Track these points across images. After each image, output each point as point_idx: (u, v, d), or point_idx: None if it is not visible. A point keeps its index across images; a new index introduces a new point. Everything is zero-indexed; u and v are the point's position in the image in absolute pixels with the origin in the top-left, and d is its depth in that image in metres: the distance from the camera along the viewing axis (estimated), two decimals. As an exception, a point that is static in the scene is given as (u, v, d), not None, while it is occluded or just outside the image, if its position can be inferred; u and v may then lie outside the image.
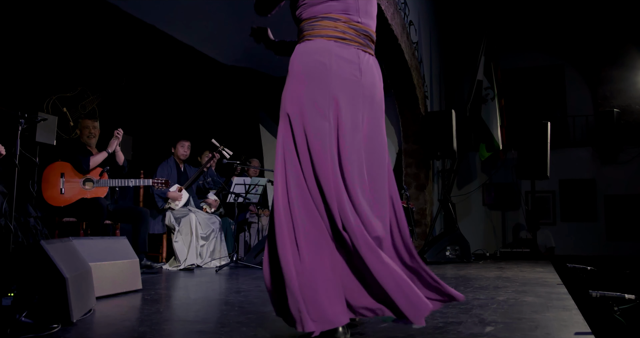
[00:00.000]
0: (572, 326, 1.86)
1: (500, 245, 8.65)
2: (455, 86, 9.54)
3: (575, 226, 8.52)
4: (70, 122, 4.93)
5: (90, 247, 2.64)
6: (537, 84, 9.30)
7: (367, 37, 1.64)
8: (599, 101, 8.84)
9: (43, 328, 1.79)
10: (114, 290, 2.75)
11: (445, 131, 6.59)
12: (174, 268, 4.58)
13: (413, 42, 6.62)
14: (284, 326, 1.80)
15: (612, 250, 8.20)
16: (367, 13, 1.63)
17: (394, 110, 7.12)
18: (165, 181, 4.31)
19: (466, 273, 4.15)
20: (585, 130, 8.83)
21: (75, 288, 1.97)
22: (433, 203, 7.43)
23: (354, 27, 1.60)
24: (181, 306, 2.51)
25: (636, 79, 8.73)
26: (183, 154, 5.07)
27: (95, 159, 4.05)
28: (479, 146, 7.91)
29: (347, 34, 1.59)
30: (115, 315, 2.19)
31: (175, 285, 3.42)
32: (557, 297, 2.67)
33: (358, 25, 1.61)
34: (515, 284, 3.31)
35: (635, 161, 8.32)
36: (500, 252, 7.39)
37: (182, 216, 4.74)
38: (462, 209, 8.87)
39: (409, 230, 1.69)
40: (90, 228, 3.93)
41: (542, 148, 7.04)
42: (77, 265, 2.14)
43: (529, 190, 7.70)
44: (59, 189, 3.94)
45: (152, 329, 1.85)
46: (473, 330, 1.77)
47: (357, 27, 1.61)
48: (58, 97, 4.87)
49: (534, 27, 9.15)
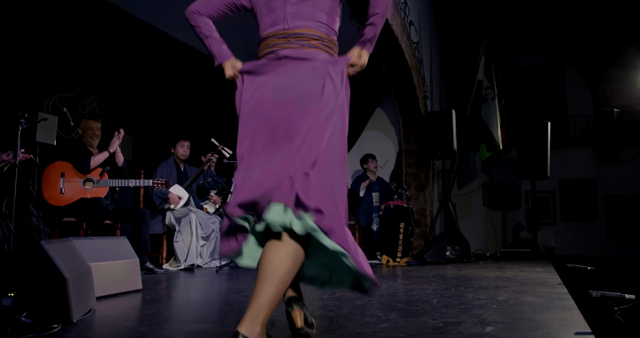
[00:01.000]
0: (573, 326, 1.86)
1: (500, 245, 8.64)
2: (456, 86, 9.54)
3: (576, 226, 8.52)
4: (70, 122, 4.93)
5: (90, 247, 2.64)
6: (537, 84, 9.30)
7: (298, 38, 1.61)
8: (599, 101, 8.84)
9: (43, 328, 1.79)
10: (114, 290, 2.76)
11: (445, 131, 6.59)
12: (174, 268, 4.58)
13: (413, 42, 6.62)
14: (284, 326, 1.80)
15: (612, 250, 8.20)
16: (299, 14, 1.62)
17: (394, 110, 7.12)
18: (165, 182, 4.31)
19: (466, 273, 4.15)
20: (585, 130, 8.83)
21: (76, 288, 1.97)
22: (433, 203, 7.43)
23: (281, 36, 1.62)
24: (181, 306, 2.51)
25: (636, 79, 8.73)
26: (183, 154, 5.07)
27: (96, 159, 4.04)
28: (479, 146, 7.91)
29: (276, 45, 1.62)
30: (116, 315, 2.19)
31: (175, 285, 3.42)
32: (557, 297, 2.67)
33: (286, 32, 1.61)
34: (515, 284, 3.31)
35: (635, 161, 8.32)
36: (501, 252, 7.39)
37: (183, 216, 4.74)
38: (462, 209, 8.87)
39: (409, 230, 1.70)
40: (90, 228, 3.93)
41: (542, 148, 7.03)
42: (77, 265, 2.14)
43: (529, 190, 7.70)
44: (59, 189, 3.94)
45: (152, 329, 1.85)
46: (473, 330, 1.77)
47: (283, 34, 1.62)
48: (58, 97, 4.87)
49: (534, 27, 9.15)
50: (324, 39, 1.64)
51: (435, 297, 2.66)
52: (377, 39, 1.75)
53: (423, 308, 2.27)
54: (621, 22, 8.71)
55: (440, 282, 3.43)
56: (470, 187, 9.03)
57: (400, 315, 2.08)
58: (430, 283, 3.39)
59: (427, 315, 2.08)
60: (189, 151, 5.14)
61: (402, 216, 5.32)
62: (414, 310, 2.20)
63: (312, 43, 1.61)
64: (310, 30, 1.61)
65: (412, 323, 1.89)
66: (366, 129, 7.64)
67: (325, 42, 1.64)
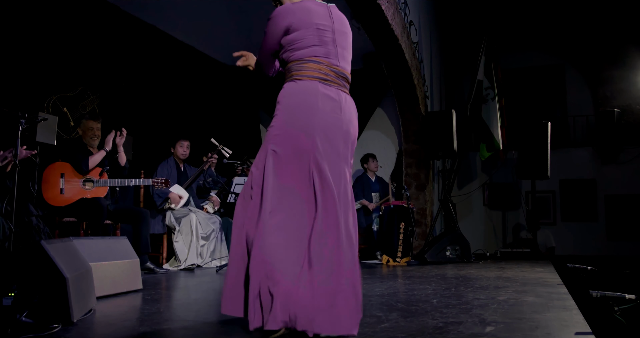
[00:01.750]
0: (573, 326, 1.86)
1: (500, 244, 8.64)
2: (456, 86, 9.53)
3: (576, 226, 8.51)
4: (70, 122, 4.93)
5: (90, 247, 2.64)
6: (538, 84, 9.29)
7: (344, 79, 1.88)
8: (599, 101, 8.84)
9: (43, 328, 1.79)
10: (115, 290, 2.76)
11: (445, 131, 6.58)
12: (175, 268, 4.58)
13: (413, 42, 6.61)
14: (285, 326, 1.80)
15: (612, 250, 8.20)
16: (344, 59, 1.89)
17: (394, 110, 7.11)
18: (165, 181, 4.31)
19: (466, 273, 4.15)
20: (585, 130, 8.82)
21: (76, 288, 1.97)
22: (433, 203, 7.43)
23: (334, 70, 1.86)
24: (181, 306, 2.51)
25: (637, 79, 8.73)
26: (182, 153, 5.07)
27: (94, 159, 4.04)
28: (480, 146, 7.90)
29: (329, 75, 1.84)
30: (116, 315, 2.19)
31: (175, 285, 3.42)
32: (558, 296, 2.67)
33: (337, 68, 1.86)
34: (515, 284, 3.31)
35: (636, 161, 8.32)
36: (501, 252, 7.39)
37: (183, 216, 4.74)
38: (463, 209, 8.86)
39: (410, 230, 1.76)
40: (91, 228, 3.93)
41: (543, 148, 7.03)
42: (77, 265, 2.14)
43: (529, 190, 7.69)
44: (59, 189, 3.94)
45: (152, 329, 1.85)
46: (473, 330, 1.77)
47: (336, 70, 1.86)
48: (58, 97, 4.87)
49: (535, 27, 9.15)
50: (349, 83, 1.92)
51: (435, 296, 2.66)
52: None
53: (423, 308, 2.27)
54: (621, 22, 8.70)
55: (441, 282, 3.43)
56: (470, 187, 9.03)
57: (400, 315, 2.08)
58: (431, 283, 3.38)
59: (428, 315, 2.08)
60: (189, 150, 5.14)
61: (402, 216, 5.32)
62: (414, 310, 2.20)
63: (348, 87, 1.90)
64: (349, 74, 1.90)
65: (413, 323, 1.89)
66: (366, 129, 7.64)
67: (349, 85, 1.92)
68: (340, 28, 1.90)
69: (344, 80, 1.88)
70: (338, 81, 1.85)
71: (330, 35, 1.86)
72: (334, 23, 1.89)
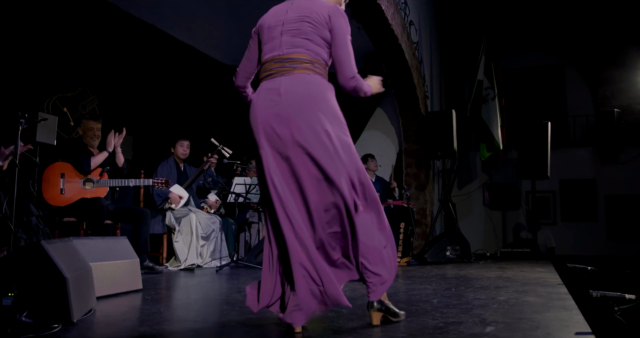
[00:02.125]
0: (573, 326, 1.86)
1: (500, 244, 8.64)
2: (456, 86, 9.54)
3: (576, 226, 8.52)
4: (70, 122, 4.93)
5: (90, 247, 2.64)
6: (538, 84, 9.29)
7: (292, 62, 1.85)
8: (599, 101, 8.84)
9: (43, 328, 1.79)
10: (115, 290, 2.76)
11: (445, 131, 6.58)
12: (175, 268, 4.58)
13: (413, 42, 6.62)
14: (285, 326, 1.80)
15: (612, 250, 8.20)
16: (293, 43, 1.87)
17: (394, 110, 7.11)
18: (165, 181, 4.31)
19: (467, 273, 4.15)
20: (585, 130, 8.82)
21: (76, 288, 1.97)
22: (433, 203, 7.43)
23: (277, 60, 1.87)
24: (182, 306, 2.51)
25: (636, 79, 8.73)
26: (183, 153, 5.07)
27: (96, 160, 4.05)
28: (480, 146, 7.90)
29: (273, 69, 1.87)
30: (116, 315, 2.19)
31: (175, 285, 3.42)
32: (558, 297, 2.67)
33: (281, 56, 1.87)
34: (515, 284, 3.31)
35: (636, 161, 8.32)
36: (501, 252, 7.39)
37: (183, 216, 4.74)
38: (463, 209, 8.86)
39: (410, 230, 1.78)
40: (91, 228, 3.93)
41: (543, 148, 7.03)
42: (77, 265, 2.14)
43: (529, 190, 7.70)
44: (59, 189, 3.94)
45: (152, 329, 1.85)
46: (474, 330, 1.77)
47: (280, 59, 1.87)
48: (58, 97, 4.87)
49: (535, 27, 9.15)
50: (314, 62, 1.87)
51: (435, 296, 2.66)
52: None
53: (423, 308, 2.27)
54: (621, 22, 8.70)
55: (441, 282, 3.43)
56: (470, 187, 9.03)
57: (400, 315, 2.08)
58: (431, 283, 3.39)
59: (428, 315, 2.08)
60: (189, 150, 5.14)
61: (402, 216, 5.32)
62: (414, 310, 2.20)
63: (305, 65, 1.85)
64: (301, 54, 1.86)
65: (413, 323, 1.89)
66: (366, 129, 7.64)
67: (315, 64, 1.87)
68: (294, 15, 1.88)
69: (293, 63, 1.84)
70: (282, 68, 1.84)
71: (279, 29, 1.89)
72: (287, 14, 1.90)
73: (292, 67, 1.84)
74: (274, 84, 1.84)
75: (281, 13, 1.92)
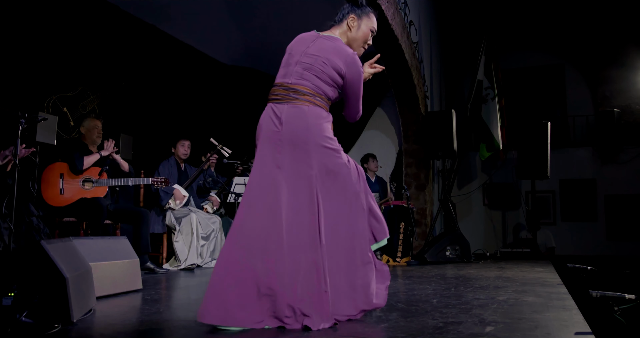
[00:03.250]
0: (573, 326, 1.86)
1: (500, 244, 8.65)
2: (456, 86, 9.54)
3: (576, 226, 8.52)
4: (70, 122, 4.93)
5: (90, 247, 2.64)
6: (538, 84, 9.30)
7: (296, 92, 2.00)
8: (599, 101, 8.84)
9: (43, 328, 1.79)
10: (115, 290, 2.76)
11: (445, 131, 6.59)
12: (175, 268, 4.58)
13: (413, 42, 6.62)
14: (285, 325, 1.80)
15: (612, 250, 8.20)
16: (302, 75, 2.02)
17: (394, 110, 7.12)
18: (164, 180, 4.31)
19: (466, 273, 4.15)
20: (585, 130, 8.83)
21: (76, 288, 1.98)
22: (433, 203, 7.43)
23: (285, 88, 2.02)
24: (181, 306, 2.51)
25: (636, 79, 8.73)
26: (183, 153, 5.07)
27: (89, 160, 4.04)
28: (479, 146, 7.90)
29: (279, 94, 2.02)
30: (116, 315, 2.19)
31: (175, 285, 3.42)
32: (557, 296, 2.67)
33: (289, 85, 2.02)
34: (515, 284, 3.31)
35: (635, 161, 8.32)
36: (501, 252, 7.40)
37: (183, 216, 4.74)
38: (463, 209, 8.87)
39: (410, 230, 1.81)
40: (91, 228, 3.93)
41: (543, 148, 7.03)
42: (77, 265, 2.14)
43: (529, 190, 7.70)
44: (59, 189, 3.94)
45: (152, 329, 1.85)
46: (473, 330, 1.78)
47: (287, 87, 2.01)
48: (58, 97, 4.87)
49: (534, 27, 9.15)
50: (315, 95, 2.02)
51: (435, 296, 2.66)
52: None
53: (423, 308, 2.27)
54: (621, 22, 8.71)
55: (441, 282, 3.43)
56: (470, 187, 9.03)
57: (400, 314, 2.08)
58: (431, 283, 3.39)
59: (427, 315, 2.08)
60: (190, 150, 5.14)
61: (402, 216, 5.32)
62: (414, 310, 2.20)
63: (307, 98, 2.00)
64: (304, 87, 2.01)
65: (413, 323, 1.89)
66: (366, 129, 7.64)
67: (316, 97, 2.02)
68: (314, 52, 2.03)
69: (296, 93, 2.00)
70: (287, 96, 2.00)
71: (297, 58, 2.04)
72: (308, 47, 2.05)
73: (295, 97, 2.00)
74: (278, 110, 2.00)
75: (304, 44, 2.08)
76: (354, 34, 2.15)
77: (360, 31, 2.15)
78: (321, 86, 2.02)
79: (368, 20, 2.16)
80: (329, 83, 2.03)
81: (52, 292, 1.90)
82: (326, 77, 2.02)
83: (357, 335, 1.71)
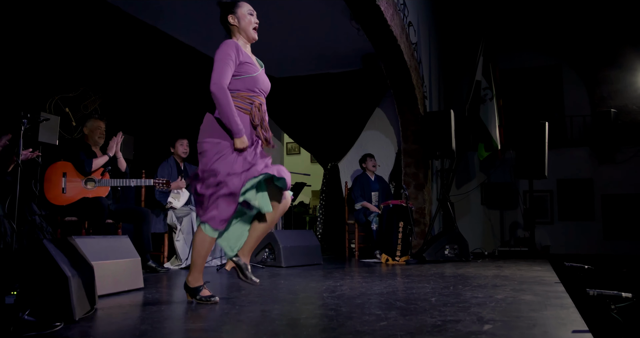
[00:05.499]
0: (570, 324, 1.88)
1: (498, 243, 8.67)
2: (454, 86, 9.56)
3: (573, 225, 8.55)
4: (72, 122, 4.94)
5: (92, 246, 2.66)
6: (535, 85, 9.33)
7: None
8: (596, 101, 8.88)
9: (46, 326, 1.80)
10: (116, 288, 2.77)
11: (444, 131, 6.61)
12: (176, 267, 4.60)
13: (412, 42, 6.64)
14: (285, 325, 1.82)
15: (609, 249, 8.24)
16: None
17: (393, 110, 7.13)
18: (166, 182, 4.33)
19: (465, 272, 4.17)
20: (582, 130, 8.86)
21: (78, 286, 1.99)
22: (432, 203, 7.45)
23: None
24: (182, 304, 2.53)
25: (633, 80, 8.77)
26: (183, 152, 5.08)
27: (97, 162, 4.06)
28: (478, 146, 7.92)
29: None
30: (117, 314, 2.21)
31: (176, 284, 3.44)
32: (555, 295, 2.70)
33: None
34: (513, 282, 3.33)
35: (632, 160, 8.36)
36: (499, 251, 7.42)
37: (184, 215, 4.76)
38: (461, 208, 8.89)
39: (409, 229, 1.85)
40: (92, 227, 3.95)
41: (540, 148, 7.06)
42: (79, 264, 2.15)
43: (527, 190, 7.72)
44: (61, 188, 3.95)
45: (153, 327, 1.87)
46: (471, 328, 1.80)
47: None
48: (60, 97, 4.88)
49: (532, 28, 9.18)
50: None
51: (434, 295, 2.68)
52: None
53: (422, 306, 2.29)
54: (618, 23, 8.74)
55: (439, 281, 3.46)
56: (468, 186, 9.06)
57: (399, 313, 2.10)
58: (429, 281, 3.41)
59: (426, 313, 2.10)
60: (189, 148, 5.15)
61: (401, 215, 5.34)
62: (413, 309, 2.22)
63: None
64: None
65: (411, 322, 1.91)
66: (365, 129, 7.66)
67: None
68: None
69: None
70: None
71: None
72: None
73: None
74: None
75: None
76: (241, 26, 2.52)
77: (242, 21, 2.50)
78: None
79: (240, 9, 2.50)
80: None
81: (54, 291, 1.91)
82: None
83: (356, 333, 1.73)
